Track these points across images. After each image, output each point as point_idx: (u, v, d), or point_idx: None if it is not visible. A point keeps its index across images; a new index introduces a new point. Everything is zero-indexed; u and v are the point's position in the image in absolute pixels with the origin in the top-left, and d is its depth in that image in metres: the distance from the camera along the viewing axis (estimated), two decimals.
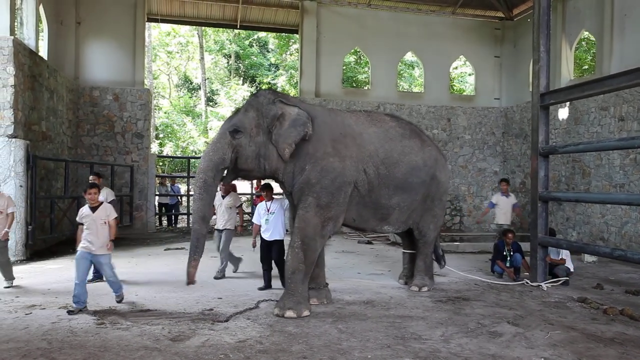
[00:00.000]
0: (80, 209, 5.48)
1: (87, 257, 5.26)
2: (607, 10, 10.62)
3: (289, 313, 5.09)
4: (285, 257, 5.66)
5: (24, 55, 8.78)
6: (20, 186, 8.23)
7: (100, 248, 5.29)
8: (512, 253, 7.40)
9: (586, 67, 18.85)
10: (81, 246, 5.26)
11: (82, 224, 5.33)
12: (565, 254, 7.23)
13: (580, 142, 9.16)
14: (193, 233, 5.34)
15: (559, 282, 6.90)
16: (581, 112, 11.17)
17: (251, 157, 5.42)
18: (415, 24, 14.32)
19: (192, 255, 5.18)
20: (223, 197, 7.25)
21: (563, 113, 11.72)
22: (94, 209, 5.35)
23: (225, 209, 7.20)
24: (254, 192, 13.19)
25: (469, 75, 22.05)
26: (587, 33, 12.24)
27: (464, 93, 21.44)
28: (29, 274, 7.09)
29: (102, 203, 5.48)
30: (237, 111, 5.72)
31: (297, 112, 5.42)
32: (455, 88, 21.94)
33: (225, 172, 5.57)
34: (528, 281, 6.99)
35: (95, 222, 5.28)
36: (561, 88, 8.10)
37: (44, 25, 10.93)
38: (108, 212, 5.42)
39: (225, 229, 7.19)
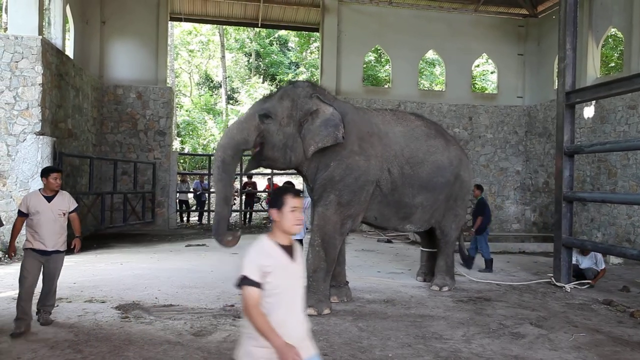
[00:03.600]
0: None
1: None
2: (636, 6, 10.33)
3: (310, 311, 5.08)
4: (306, 256, 5.66)
5: (51, 54, 8.98)
6: None
7: None
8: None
9: (613, 64, 18.41)
10: None
11: None
12: (599, 260, 7.06)
13: (607, 142, 8.95)
14: (215, 215, 5.34)
15: (584, 287, 6.77)
16: (607, 111, 10.92)
17: (278, 146, 5.40)
18: (437, 22, 14.17)
19: (216, 237, 5.15)
20: (49, 198, 4.53)
21: (588, 112, 11.47)
22: None
23: (55, 217, 4.53)
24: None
25: (491, 73, 21.72)
26: (614, 30, 11.94)
27: (486, 91, 21.14)
28: None
29: None
30: (269, 96, 5.66)
31: (332, 112, 5.38)
32: (477, 86, 21.64)
33: (251, 158, 5.58)
34: (553, 278, 6.89)
35: None
36: (587, 86, 7.93)
37: (70, 24, 11.16)
38: None
39: (55, 250, 4.55)
